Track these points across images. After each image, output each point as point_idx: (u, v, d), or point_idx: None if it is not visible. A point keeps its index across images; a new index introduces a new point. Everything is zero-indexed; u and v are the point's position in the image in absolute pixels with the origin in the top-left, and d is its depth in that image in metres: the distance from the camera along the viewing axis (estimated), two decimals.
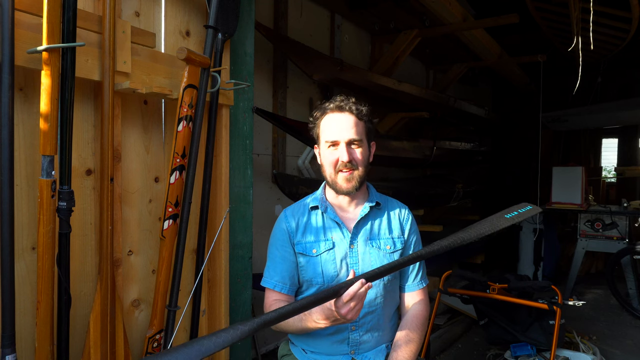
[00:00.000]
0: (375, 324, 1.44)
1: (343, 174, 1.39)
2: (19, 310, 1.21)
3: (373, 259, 1.43)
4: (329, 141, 1.40)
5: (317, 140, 1.48)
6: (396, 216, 1.52)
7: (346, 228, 1.45)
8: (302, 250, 1.44)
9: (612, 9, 3.35)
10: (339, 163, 1.39)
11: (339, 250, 1.43)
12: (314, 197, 1.52)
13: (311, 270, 1.43)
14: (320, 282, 1.43)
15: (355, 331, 1.42)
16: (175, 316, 1.57)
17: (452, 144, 4.91)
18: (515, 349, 2.84)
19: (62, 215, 1.24)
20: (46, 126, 1.17)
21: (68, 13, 1.21)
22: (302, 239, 1.46)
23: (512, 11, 3.67)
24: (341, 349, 1.43)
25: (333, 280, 1.42)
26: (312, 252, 1.43)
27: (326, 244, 1.44)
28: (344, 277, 1.42)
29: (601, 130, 7.28)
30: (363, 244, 1.44)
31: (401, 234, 1.50)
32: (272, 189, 3.21)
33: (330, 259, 1.42)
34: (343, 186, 1.41)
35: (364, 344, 1.43)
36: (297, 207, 1.54)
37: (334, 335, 1.42)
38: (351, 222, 1.46)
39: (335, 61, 3.26)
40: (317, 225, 1.47)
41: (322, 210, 1.47)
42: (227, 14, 1.71)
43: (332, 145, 1.40)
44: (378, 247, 1.45)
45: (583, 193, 4.64)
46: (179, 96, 1.50)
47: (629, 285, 4.23)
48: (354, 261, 1.43)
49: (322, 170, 1.47)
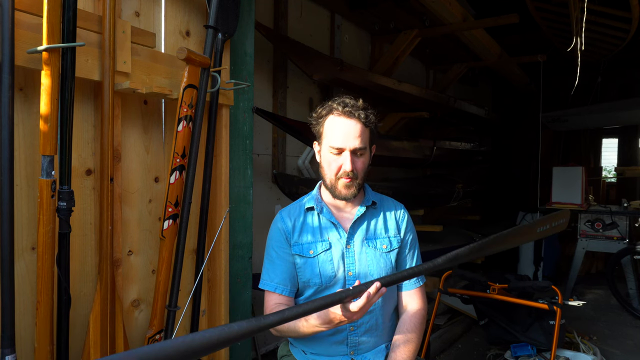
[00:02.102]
0: (373, 325, 1.44)
1: (344, 181, 1.38)
2: (18, 310, 1.21)
3: (370, 258, 1.43)
4: (333, 147, 1.37)
5: (319, 138, 1.45)
6: (392, 215, 1.51)
7: (342, 228, 1.45)
8: (299, 251, 1.44)
9: (612, 9, 3.35)
10: (341, 171, 1.37)
11: (336, 250, 1.43)
12: (309, 197, 1.51)
13: (309, 271, 1.42)
14: (318, 283, 1.42)
15: (354, 332, 1.42)
16: (175, 316, 1.57)
17: (452, 144, 4.90)
18: (515, 349, 2.84)
19: (62, 215, 1.24)
20: (46, 126, 1.17)
21: (68, 13, 1.21)
22: (299, 239, 1.45)
23: (512, 11, 3.67)
24: (340, 350, 1.43)
25: (331, 281, 1.42)
26: (309, 253, 1.43)
27: (323, 245, 1.43)
28: (341, 277, 1.42)
29: (601, 130, 7.28)
30: (359, 244, 1.44)
31: (397, 232, 1.49)
32: (272, 189, 3.21)
33: (327, 259, 1.42)
34: (342, 192, 1.40)
35: (363, 345, 1.43)
36: (292, 208, 1.52)
37: (333, 336, 1.42)
38: (347, 222, 1.46)
39: (335, 61, 3.25)
40: (314, 226, 1.46)
41: (317, 211, 1.46)
42: (227, 14, 1.71)
43: (335, 152, 1.37)
44: (374, 247, 1.44)
45: (583, 193, 4.64)
46: (179, 96, 1.50)
47: (629, 285, 4.23)
48: (350, 261, 1.43)
49: (321, 170, 1.45)
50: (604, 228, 4.39)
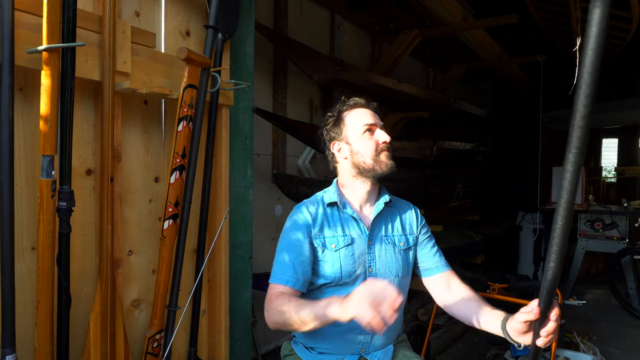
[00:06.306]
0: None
1: (385, 153, 1.43)
2: (19, 310, 1.21)
3: (389, 256, 1.44)
4: (367, 124, 1.43)
5: (340, 134, 1.46)
6: (407, 214, 1.55)
7: (364, 224, 1.45)
8: (322, 244, 1.41)
9: (612, 9, 3.35)
10: (380, 144, 1.42)
11: (358, 246, 1.42)
12: (327, 194, 1.50)
13: (329, 264, 1.40)
14: (338, 278, 1.39)
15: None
16: (175, 316, 1.57)
17: (452, 144, 4.90)
18: (515, 349, 2.84)
19: (62, 215, 1.24)
20: (46, 126, 1.17)
21: (68, 13, 1.21)
22: (321, 233, 1.43)
23: (512, 11, 3.66)
24: (352, 348, 1.43)
25: (350, 277, 1.40)
26: (331, 246, 1.41)
27: (345, 239, 1.42)
28: (362, 273, 1.41)
29: (601, 130, 7.28)
30: (379, 242, 1.45)
31: (412, 231, 1.52)
32: (272, 189, 3.21)
33: (349, 254, 1.41)
34: (388, 163, 1.43)
35: (375, 342, 1.44)
36: (311, 202, 1.50)
37: (347, 333, 1.41)
38: (367, 219, 1.47)
39: (335, 61, 3.25)
40: (335, 221, 1.45)
41: (340, 206, 1.46)
42: (227, 14, 1.71)
43: (368, 130, 1.43)
44: (393, 244, 1.46)
45: (583, 193, 4.64)
46: (179, 96, 1.50)
47: (629, 285, 4.23)
48: (371, 258, 1.43)
49: (355, 161, 1.43)
50: (604, 228, 4.39)
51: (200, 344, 1.77)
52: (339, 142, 1.47)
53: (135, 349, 1.55)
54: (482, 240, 4.75)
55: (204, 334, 1.81)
